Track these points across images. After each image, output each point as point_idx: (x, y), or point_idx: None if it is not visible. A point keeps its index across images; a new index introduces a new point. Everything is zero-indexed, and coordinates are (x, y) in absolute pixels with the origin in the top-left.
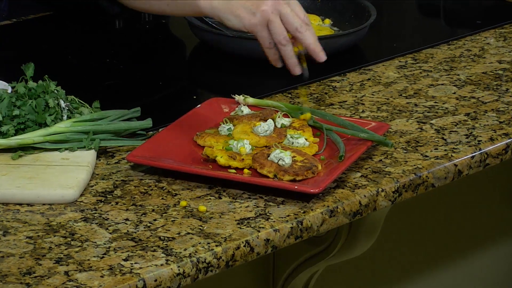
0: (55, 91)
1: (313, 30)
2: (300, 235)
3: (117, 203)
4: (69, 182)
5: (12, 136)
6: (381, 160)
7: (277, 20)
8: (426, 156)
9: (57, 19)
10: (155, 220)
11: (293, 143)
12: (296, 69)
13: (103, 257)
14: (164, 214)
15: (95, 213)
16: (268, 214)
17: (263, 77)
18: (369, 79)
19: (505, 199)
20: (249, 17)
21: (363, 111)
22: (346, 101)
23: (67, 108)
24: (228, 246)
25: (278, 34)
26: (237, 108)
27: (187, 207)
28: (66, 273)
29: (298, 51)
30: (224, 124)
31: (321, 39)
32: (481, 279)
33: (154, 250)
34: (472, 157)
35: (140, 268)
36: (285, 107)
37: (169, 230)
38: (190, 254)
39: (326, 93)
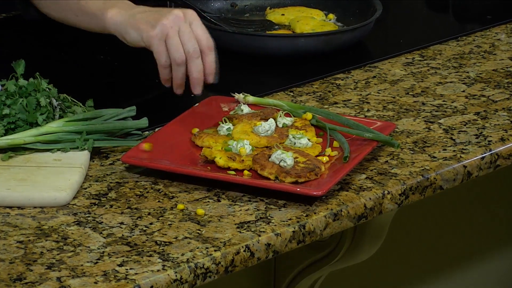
0: (47, 89)
1: (210, 57)
2: (303, 240)
3: (111, 206)
4: (61, 184)
5: (2, 136)
6: (387, 161)
7: (175, 38)
8: (434, 157)
9: None
10: (151, 223)
11: (295, 143)
12: (178, 90)
13: (97, 262)
14: (160, 218)
15: (89, 216)
16: (269, 217)
17: (264, 75)
18: (374, 76)
19: None
20: (148, 29)
21: (368, 110)
22: (350, 100)
23: (59, 107)
24: (227, 251)
25: (175, 51)
26: (236, 107)
27: (184, 210)
28: (59, 279)
29: None
30: (223, 123)
31: (324, 34)
32: (491, 284)
33: (150, 255)
34: (482, 158)
35: (136, 274)
36: (287, 106)
37: (165, 234)
38: (187, 259)
39: (329, 91)
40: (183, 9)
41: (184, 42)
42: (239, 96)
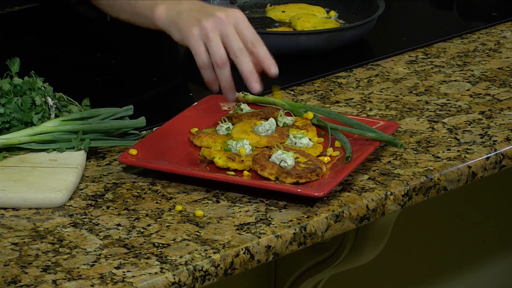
0: (42, 88)
1: (262, 49)
2: (304, 242)
3: (108, 207)
4: (57, 185)
5: None
6: (389, 162)
7: (216, 40)
8: (438, 157)
9: (44, 11)
10: (148, 225)
11: (296, 143)
12: (230, 95)
13: (93, 265)
14: (158, 219)
15: (85, 218)
16: (269, 219)
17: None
18: (377, 75)
19: None
20: (188, 29)
21: (370, 109)
22: (352, 99)
23: (55, 106)
24: (226, 253)
25: (214, 54)
26: (236, 106)
27: (183, 212)
28: (54, 282)
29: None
30: (222, 123)
31: (326, 32)
32: (495, 287)
33: (148, 258)
34: (487, 158)
35: (133, 276)
36: (288, 104)
37: (163, 236)
38: (186, 261)
39: (331, 90)
40: (228, 9)
41: (227, 43)
42: (239, 95)
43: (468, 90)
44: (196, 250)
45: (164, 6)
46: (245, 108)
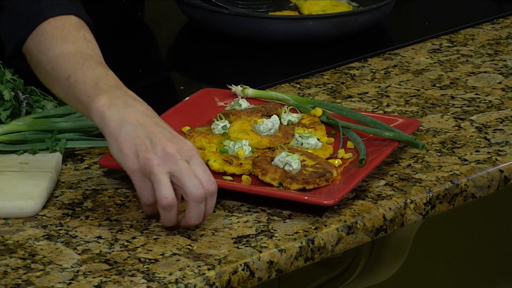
0: (12, 81)
1: (211, 203)
2: (311, 257)
3: (87, 217)
4: (28, 192)
5: None
6: (410, 165)
7: (163, 178)
8: (465, 160)
9: None
10: (133, 238)
11: (302, 144)
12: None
13: (70, 283)
14: (144, 231)
15: (61, 229)
16: (272, 230)
17: (266, 63)
18: (395, 65)
19: None
20: (132, 158)
21: (388, 105)
22: (367, 93)
23: (26, 102)
24: (223, 269)
25: (159, 194)
26: (234, 101)
27: None
28: None
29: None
30: (218, 120)
31: (336, 16)
32: None
33: (133, 275)
34: None
35: None
36: (293, 100)
37: (150, 251)
38: (176, 279)
39: (343, 83)
40: (179, 142)
41: (183, 184)
42: (237, 89)
43: (499, 83)
44: (188, 267)
45: (106, 101)
46: (244, 103)
